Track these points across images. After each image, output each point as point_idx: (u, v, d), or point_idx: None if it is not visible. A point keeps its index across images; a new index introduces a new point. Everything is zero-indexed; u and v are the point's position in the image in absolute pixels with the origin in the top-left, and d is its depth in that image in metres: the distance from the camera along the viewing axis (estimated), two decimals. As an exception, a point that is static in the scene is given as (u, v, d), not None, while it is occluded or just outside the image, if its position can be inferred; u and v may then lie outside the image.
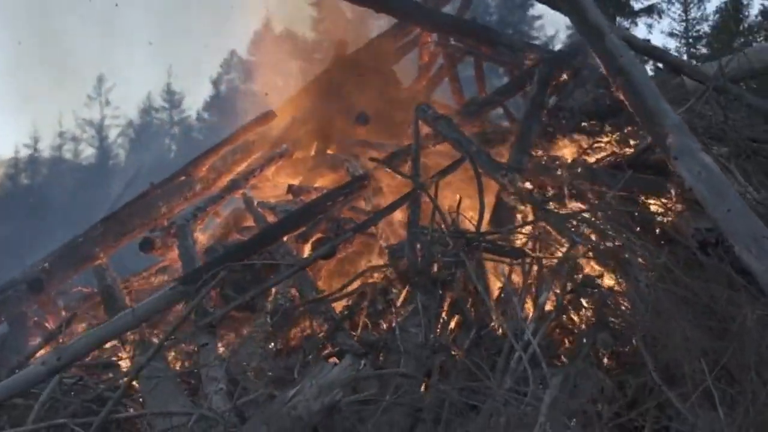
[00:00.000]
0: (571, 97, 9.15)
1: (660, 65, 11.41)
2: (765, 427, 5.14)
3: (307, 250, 8.15)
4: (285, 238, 7.69)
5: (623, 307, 6.38)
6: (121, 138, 62.28)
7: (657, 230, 7.24)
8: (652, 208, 7.30)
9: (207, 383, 6.00)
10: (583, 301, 6.53)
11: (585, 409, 5.50)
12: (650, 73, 10.62)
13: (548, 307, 6.57)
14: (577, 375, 6.06)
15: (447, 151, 8.73)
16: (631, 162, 7.91)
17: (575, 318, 6.57)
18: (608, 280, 6.62)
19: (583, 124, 8.74)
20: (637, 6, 19.78)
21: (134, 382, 6.30)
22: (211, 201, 9.92)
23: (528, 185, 7.43)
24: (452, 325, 6.83)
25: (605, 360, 6.36)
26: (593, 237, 6.80)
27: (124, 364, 6.86)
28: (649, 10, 19.71)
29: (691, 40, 20.32)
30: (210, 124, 58.35)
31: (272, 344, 6.81)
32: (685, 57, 18.29)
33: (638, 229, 7.14)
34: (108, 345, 7.39)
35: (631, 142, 8.03)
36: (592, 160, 8.08)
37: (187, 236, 8.78)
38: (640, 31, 20.24)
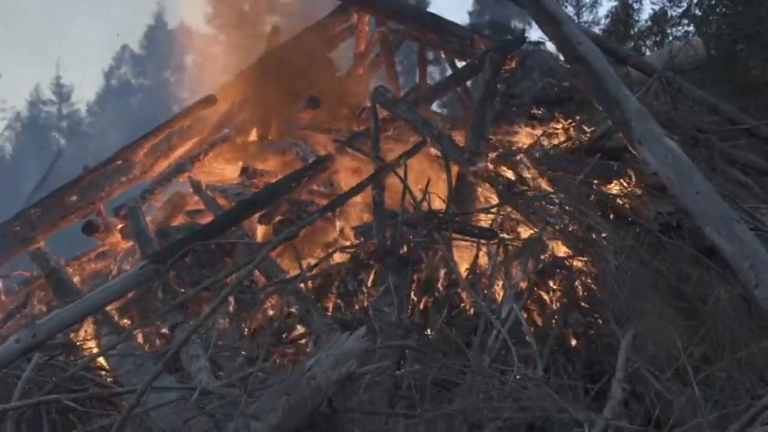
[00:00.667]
0: (518, 85, 9.27)
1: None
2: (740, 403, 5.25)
3: (261, 231, 8.09)
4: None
5: (593, 288, 6.51)
6: (8, 131, 60.49)
7: (614, 214, 7.35)
8: (611, 192, 7.43)
9: (189, 361, 5.90)
10: (553, 282, 6.63)
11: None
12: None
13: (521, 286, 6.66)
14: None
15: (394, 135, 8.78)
16: (587, 148, 8.08)
17: (546, 298, 6.68)
18: (576, 262, 6.74)
19: (533, 111, 8.85)
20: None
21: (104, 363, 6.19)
22: (158, 184, 9.74)
23: (491, 168, 7.51)
24: (422, 305, 6.86)
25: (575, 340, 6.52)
26: (560, 219, 6.92)
27: (90, 345, 6.68)
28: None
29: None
30: (100, 117, 57.33)
31: (243, 324, 6.74)
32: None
33: (599, 213, 7.28)
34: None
35: (586, 129, 8.16)
36: (547, 146, 8.19)
37: (140, 218, 8.61)
38: (534, 33, 20.64)
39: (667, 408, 5.42)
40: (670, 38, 17.98)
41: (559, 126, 8.64)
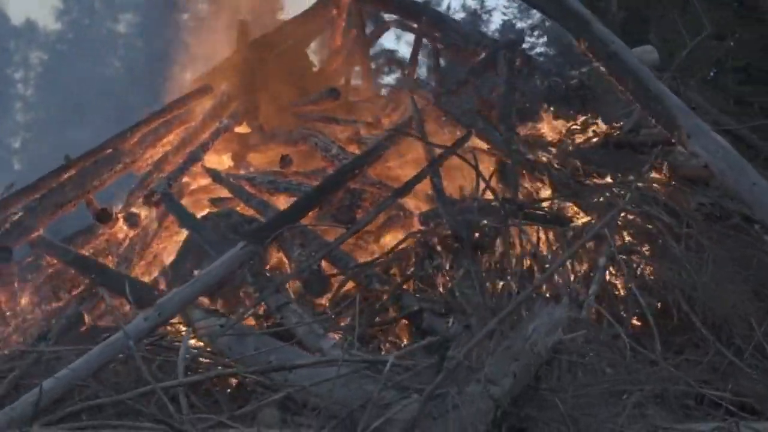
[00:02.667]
0: (526, 83, 9.69)
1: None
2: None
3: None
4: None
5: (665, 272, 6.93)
6: None
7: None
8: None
9: (310, 338, 5.98)
10: (625, 267, 7.03)
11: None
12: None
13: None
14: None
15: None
16: (615, 143, 8.56)
17: (618, 284, 7.09)
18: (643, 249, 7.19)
19: (546, 107, 9.28)
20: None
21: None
22: (180, 172, 9.62)
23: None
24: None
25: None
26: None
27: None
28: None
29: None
30: None
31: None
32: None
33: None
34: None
35: (615, 125, 8.63)
36: (575, 140, 8.62)
37: (177, 202, 8.53)
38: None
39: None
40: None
41: (583, 121, 9.05)
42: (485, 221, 7.15)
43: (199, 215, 8.62)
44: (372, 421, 4.69)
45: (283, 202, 8.66)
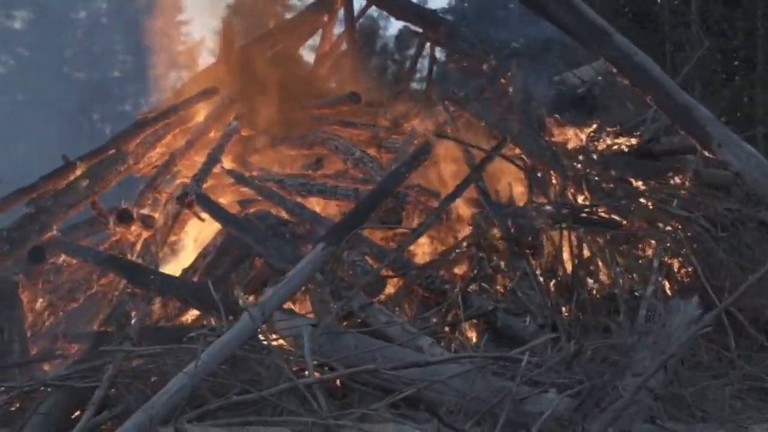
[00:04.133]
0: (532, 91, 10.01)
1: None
2: None
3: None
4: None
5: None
6: None
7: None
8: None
9: (405, 337, 6.12)
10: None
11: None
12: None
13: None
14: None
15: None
16: (637, 151, 8.95)
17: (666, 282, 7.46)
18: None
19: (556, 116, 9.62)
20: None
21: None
22: (205, 173, 9.55)
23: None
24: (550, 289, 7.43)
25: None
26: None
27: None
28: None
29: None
30: None
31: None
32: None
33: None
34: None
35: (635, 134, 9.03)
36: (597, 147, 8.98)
37: (213, 201, 8.53)
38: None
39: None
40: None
41: (589, 130, 9.42)
42: (540, 224, 7.36)
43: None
44: (512, 415, 4.87)
45: (313, 204, 8.71)
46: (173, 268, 8.98)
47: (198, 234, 9.43)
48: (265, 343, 5.98)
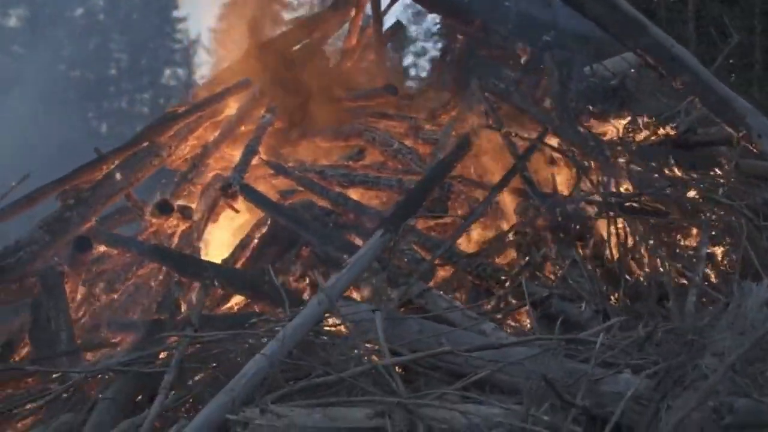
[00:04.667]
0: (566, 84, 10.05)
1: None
2: None
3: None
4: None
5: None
6: None
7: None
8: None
9: (467, 321, 6.18)
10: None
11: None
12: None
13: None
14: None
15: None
16: (673, 142, 9.03)
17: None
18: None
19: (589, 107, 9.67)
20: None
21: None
22: (245, 164, 9.60)
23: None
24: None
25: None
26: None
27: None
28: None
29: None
30: None
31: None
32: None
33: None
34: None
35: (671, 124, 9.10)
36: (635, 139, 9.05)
37: (258, 192, 8.59)
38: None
39: None
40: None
41: (622, 121, 9.48)
42: (588, 213, 7.45)
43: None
44: (589, 396, 4.94)
45: (355, 195, 8.78)
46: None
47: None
48: (331, 328, 6.03)
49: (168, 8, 49.85)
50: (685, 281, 7.51)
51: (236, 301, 8.15)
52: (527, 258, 7.34)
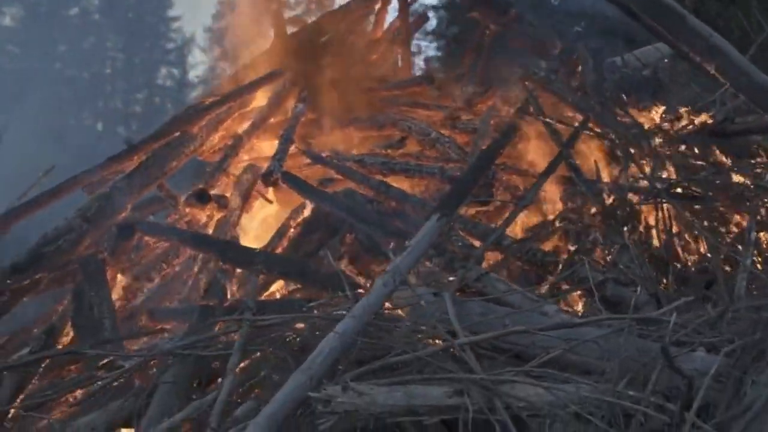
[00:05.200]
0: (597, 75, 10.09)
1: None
2: None
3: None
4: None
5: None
6: None
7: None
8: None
9: (528, 303, 6.19)
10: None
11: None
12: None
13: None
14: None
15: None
16: (710, 131, 9.05)
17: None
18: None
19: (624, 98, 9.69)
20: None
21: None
22: (283, 153, 9.60)
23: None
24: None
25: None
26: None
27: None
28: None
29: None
30: None
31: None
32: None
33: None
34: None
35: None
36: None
37: (300, 179, 8.60)
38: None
39: None
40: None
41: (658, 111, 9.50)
42: (636, 199, 7.46)
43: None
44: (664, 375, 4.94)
45: (395, 182, 8.78)
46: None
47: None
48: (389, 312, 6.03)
49: (163, 8, 49.96)
50: (728, 268, 7.50)
51: (277, 287, 8.15)
52: (576, 244, 7.31)
